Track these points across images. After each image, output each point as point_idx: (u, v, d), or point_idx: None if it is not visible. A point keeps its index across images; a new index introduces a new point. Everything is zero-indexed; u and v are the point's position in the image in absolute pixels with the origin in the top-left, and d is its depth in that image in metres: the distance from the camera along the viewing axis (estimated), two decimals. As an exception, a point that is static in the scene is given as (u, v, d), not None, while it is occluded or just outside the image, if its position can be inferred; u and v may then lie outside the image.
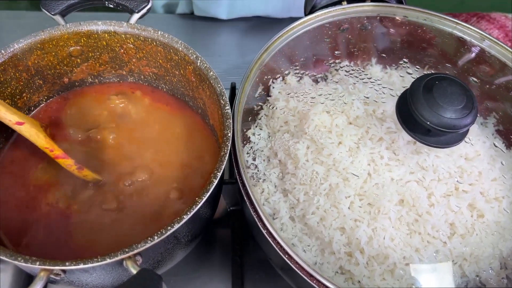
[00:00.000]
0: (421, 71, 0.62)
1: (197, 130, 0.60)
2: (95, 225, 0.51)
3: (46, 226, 0.51)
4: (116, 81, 0.64)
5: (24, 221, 0.51)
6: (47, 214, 0.52)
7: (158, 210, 0.53)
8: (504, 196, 0.51)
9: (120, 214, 0.52)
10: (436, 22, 0.61)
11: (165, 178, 0.55)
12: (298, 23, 0.60)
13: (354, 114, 0.54)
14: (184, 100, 0.62)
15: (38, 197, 0.53)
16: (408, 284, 0.47)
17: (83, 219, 0.52)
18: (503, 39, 0.86)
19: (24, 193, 0.53)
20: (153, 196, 0.54)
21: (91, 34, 0.56)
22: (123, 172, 0.55)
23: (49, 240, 0.50)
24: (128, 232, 0.51)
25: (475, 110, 0.45)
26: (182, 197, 0.54)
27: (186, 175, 0.56)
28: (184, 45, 0.55)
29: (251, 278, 0.63)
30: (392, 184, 0.49)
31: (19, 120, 0.49)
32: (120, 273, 0.44)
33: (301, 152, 0.53)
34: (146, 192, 0.54)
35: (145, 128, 0.60)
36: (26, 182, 0.54)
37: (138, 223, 0.52)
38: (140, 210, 0.52)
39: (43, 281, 0.40)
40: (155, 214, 0.52)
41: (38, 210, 0.52)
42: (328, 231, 0.49)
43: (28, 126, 0.50)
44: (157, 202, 0.53)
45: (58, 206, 0.52)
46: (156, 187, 0.54)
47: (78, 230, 0.51)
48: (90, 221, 0.51)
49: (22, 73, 0.55)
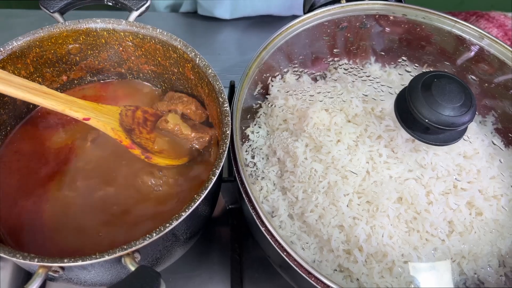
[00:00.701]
0: (420, 69, 0.62)
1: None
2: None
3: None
4: (115, 79, 0.64)
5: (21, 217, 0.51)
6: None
7: (159, 207, 0.53)
8: (502, 194, 0.51)
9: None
10: (434, 20, 0.61)
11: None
12: (297, 21, 0.60)
13: (353, 112, 0.54)
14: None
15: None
16: (407, 282, 0.47)
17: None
18: (502, 38, 0.86)
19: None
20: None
21: (90, 32, 0.56)
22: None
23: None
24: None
25: (474, 108, 0.45)
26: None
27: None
28: (182, 42, 0.55)
29: (250, 276, 0.63)
30: (390, 182, 0.49)
31: (84, 117, 0.51)
32: (118, 270, 0.44)
33: (300, 150, 0.53)
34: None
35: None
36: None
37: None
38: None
39: (42, 278, 0.40)
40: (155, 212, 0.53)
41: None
42: (327, 229, 0.49)
43: (95, 121, 0.51)
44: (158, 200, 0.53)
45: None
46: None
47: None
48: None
49: (21, 70, 0.55)
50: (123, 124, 0.54)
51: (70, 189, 0.53)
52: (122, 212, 0.52)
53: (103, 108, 0.54)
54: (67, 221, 0.51)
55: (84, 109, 0.51)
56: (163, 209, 0.52)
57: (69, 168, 0.55)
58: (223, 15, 0.90)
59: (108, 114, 0.53)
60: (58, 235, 0.50)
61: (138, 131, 0.55)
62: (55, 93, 0.50)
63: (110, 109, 0.54)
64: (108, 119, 0.53)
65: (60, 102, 0.50)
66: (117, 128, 0.53)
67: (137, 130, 0.55)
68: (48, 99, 0.49)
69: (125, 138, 0.53)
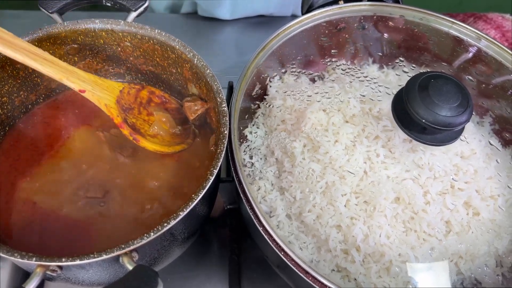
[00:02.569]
0: (417, 69, 0.62)
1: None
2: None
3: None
4: (114, 79, 0.64)
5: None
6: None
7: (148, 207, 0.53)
8: (499, 194, 0.51)
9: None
10: (432, 21, 0.62)
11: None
12: (295, 22, 0.60)
13: (350, 112, 0.54)
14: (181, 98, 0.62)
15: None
16: (404, 281, 0.47)
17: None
18: (500, 39, 0.86)
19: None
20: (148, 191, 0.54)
21: (89, 32, 0.56)
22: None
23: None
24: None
25: (470, 108, 0.45)
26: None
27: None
28: (181, 43, 0.55)
29: (248, 276, 0.63)
30: (388, 182, 0.49)
31: (80, 88, 0.50)
32: (116, 269, 0.44)
33: (297, 150, 0.53)
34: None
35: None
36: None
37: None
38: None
39: (40, 277, 0.40)
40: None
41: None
42: (325, 228, 0.49)
43: (90, 94, 0.51)
44: (150, 198, 0.54)
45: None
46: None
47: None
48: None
49: (19, 71, 0.55)
50: (121, 101, 0.53)
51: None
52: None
53: (104, 83, 0.53)
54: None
55: (82, 81, 0.50)
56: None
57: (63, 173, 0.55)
58: (224, 15, 0.90)
59: (107, 90, 0.53)
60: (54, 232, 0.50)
61: (138, 111, 0.55)
62: (56, 61, 0.49)
63: (111, 84, 0.54)
64: (105, 95, 0.52)
65: (58, 71, 0.49)
66: (111, 105, 0.52)
67: (136, 109, 0.55)
68: (46, 65, 0.48)
69: (117, 116, 0.52)
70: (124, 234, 0.50)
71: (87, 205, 0.52)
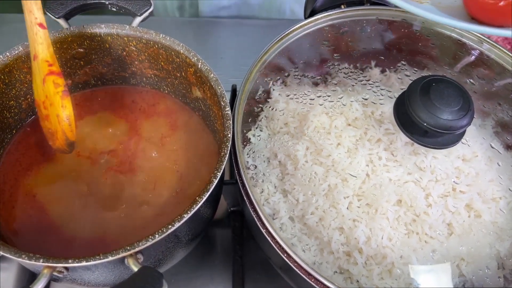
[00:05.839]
0: (419, 73, 0.62)
1: (197, 131, 0.61)
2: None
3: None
4: (118, 83, 0.64)
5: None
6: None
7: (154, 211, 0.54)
8: (501, 197, 0.51)
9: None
10: (434, 24, 0.62)
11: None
12: (298, 26, 0.61)
13: (352, 115, 0.54)
14: (185, 101, 0.63)
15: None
16: (406, 283, 0.48)
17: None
18: (502, 42, 0.86)
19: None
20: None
21: (94, 36, 0.57)
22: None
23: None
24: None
25: (472, 112, 0.46)
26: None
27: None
28: (185, 47, 0.55)
29: (251, 277, 0.63)
30: (390, 184, 0.50)
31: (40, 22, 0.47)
32: (121, 271, 0.45)
33: (300, 153, 0.54)
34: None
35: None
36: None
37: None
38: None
39: (47, 278, 0.40)
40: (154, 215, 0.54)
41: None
42: (327, 231, 0.50)
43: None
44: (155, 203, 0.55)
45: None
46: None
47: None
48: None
49: (26, 75, 0.55)
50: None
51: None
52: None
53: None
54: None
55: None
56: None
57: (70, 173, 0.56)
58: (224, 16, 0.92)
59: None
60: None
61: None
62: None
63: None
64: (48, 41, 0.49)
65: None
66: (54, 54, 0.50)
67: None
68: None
69: (57, 65, 0.49)
70: (132, 237, 0.51)
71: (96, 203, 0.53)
